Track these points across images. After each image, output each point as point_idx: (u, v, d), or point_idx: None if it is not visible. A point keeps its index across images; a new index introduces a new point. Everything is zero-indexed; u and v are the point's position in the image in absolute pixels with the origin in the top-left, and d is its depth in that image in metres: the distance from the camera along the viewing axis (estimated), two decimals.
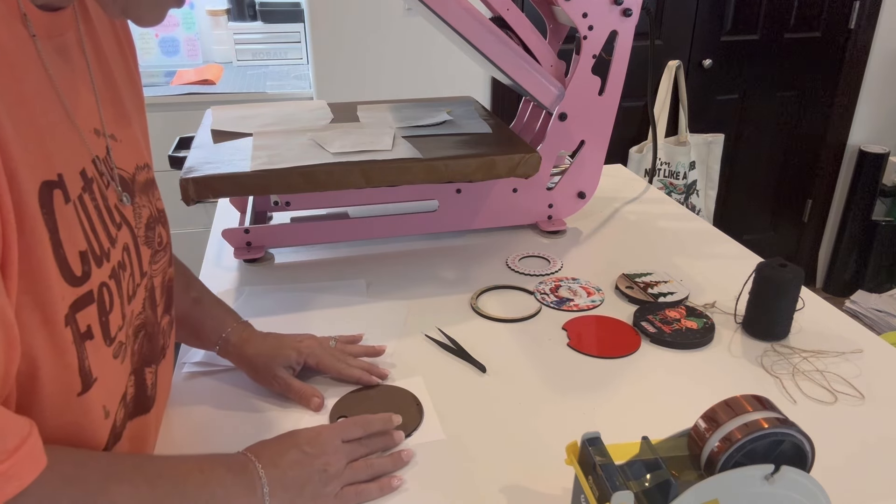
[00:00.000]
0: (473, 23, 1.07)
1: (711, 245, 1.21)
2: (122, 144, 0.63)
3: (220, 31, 2.68)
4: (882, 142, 2.80)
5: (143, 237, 0.64)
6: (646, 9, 1.14)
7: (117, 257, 0.58)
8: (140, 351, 0.64)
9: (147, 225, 0.65)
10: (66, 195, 0.51)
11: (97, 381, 0.53)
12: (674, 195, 2.60)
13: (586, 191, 1.24)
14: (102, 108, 0.60)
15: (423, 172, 1.04)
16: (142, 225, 0.64)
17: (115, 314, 0.56)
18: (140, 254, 0.63)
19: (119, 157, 0.62)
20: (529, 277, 1.09)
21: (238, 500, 0.60)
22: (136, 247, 0.62)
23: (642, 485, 0.56)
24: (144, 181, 0.67)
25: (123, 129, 0.63)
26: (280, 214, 1.25)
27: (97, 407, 0.54)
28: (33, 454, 0.46)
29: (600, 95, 1.16)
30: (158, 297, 0.69)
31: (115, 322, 0.56)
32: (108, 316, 0.55)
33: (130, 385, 0.62)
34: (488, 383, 0.85)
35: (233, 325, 0.85)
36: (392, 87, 2.32)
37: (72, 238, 0.51)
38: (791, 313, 0.93)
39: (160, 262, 0.69)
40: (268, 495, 0.61)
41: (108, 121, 0.61)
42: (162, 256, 0.70)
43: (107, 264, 0.55)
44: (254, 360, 0.83)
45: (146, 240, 0.65)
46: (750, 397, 0.57)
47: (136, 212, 0.63)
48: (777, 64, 2.63)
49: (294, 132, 1.15)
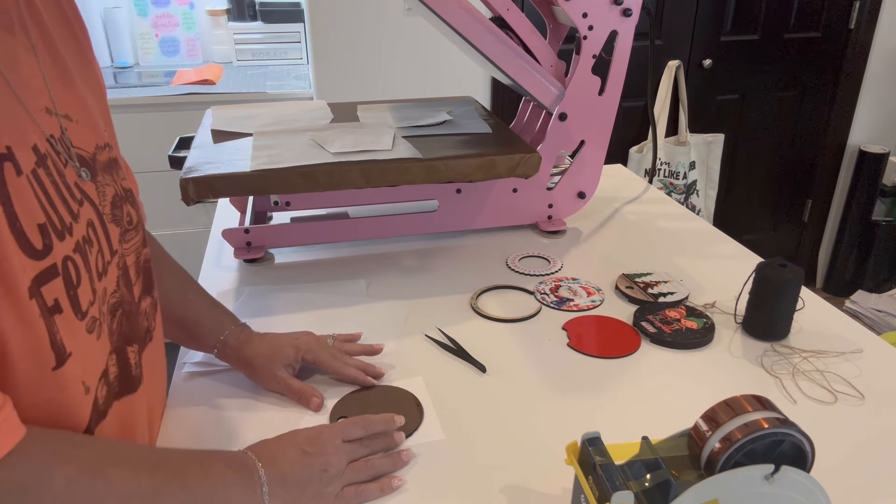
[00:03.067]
0: (473, 23, 1.07)
1: (711, 245, 1.21)
2: (79, 125, 0.62)
3: (220, 31, 2.68)
4: (882, 142, 2.80)
5: (109, 215, 0.64)
6: (646, 9, 1.14)
7: (81, 232, 0.57)
8: (119, 329, 0.64)
9: (113, 203, 0.65)
10: (18, 168, 0.51)
11: (72, 355, 0.53)
12: (674, 195, 2.60)
13: (586, 191, 1.24)
14: (52, 89, 0.59)
15: (423, 172, 1.04)
16: (107, 203, 0.64)
17: (85, 289, 0.56)
18: (108, 231, 0.63)
19: (76, 136, 0.61)
20: (529, 277, 1.09)
21: (237, 497, 0.60)
22: (103, 224, 0.62)
23: (642, 485, 0.56)
24: (106, 160, 0.66)
25: (78, 109, 0.63)
26: (280, 214, 1.25)
27: (75, 382, 0.54)
28: (7, 425, 0.47)
29: (600, 95, 1.16)
30: (133, 276, 0.68)
31: (84, 296, 0.56)
32: (77, 290, 0.55)
33: (112, 364, 0.62)
34: (488, 383, 0.85)
35: (230, 328, 0.85)
36: (392, 87, 2.32)
37: (28, 211, 0.51)
38: (791, 313, 0.93)
39: (132, 242, 0.69)
40: (267, 494, 0.61)
41: (60, 101, 0.60)
42: (133, 235, 0.69)
43: (70, 238, 0.55)
44: (252, 362, 0.83)
45: (113, 217, 0.65)
46: (750, 397, 0.57)
47: (99, 190, 0.63)
48: (777, 64, 2.63)
49: (294, 132, 1.15)
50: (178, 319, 0.84)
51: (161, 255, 0.85)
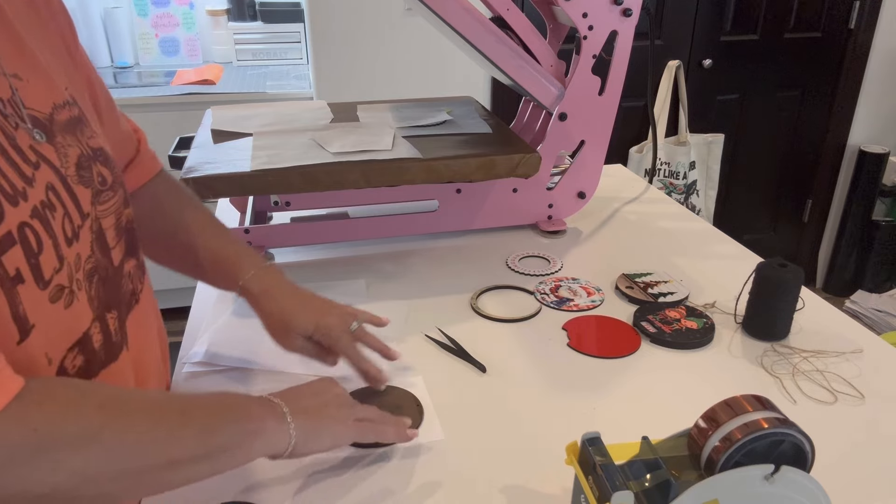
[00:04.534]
0: (473, 23, 1.07)
1: (711, 245, 1.21)
2: (30, 84, 0.59)
3: (220, 31, 2.68)
4: (882, 142, 2.80)
5: (74, 176, 0.61)
6: (646, 9, 1.14)
7: (39, 196, 0.55)
8: (97, 296, 0.62)
9: (79, 164, 0.62)
10: None
11: (35, 327, 0.52)
12: (674, 195, 2.60)
13: (586, 191, 1.24)
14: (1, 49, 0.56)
15: (423, 172, 1.04)
16: (70, 164, 0.61)
17: (48, 256, 0.54)
18: (75, 195, 0.60)
19: (28, 96, 0.58)
20: (529, 277, 1.09)
21: (258, 412, 0.61)
22: (67, 186, 0.59)
23: (642, 485, 0.56)
24: (67, 119, 0.62)
25: (28, 68, 0.59)
26: (280, 214, 1.25)
27: (39, 355, 0.54)
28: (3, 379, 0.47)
29: (600, 95, 1.16)
30: (112, 239, 0.66)
31: (48, 264, 0.54)
32: (39, 258, 0.53)
33: (97, 331, 0.61)
34: (488, 383, 0.85)
35: (253, 271, 0.80)
36: (392, 87, 2.32)
37: None
38: (791, 313, 0.93)
39: (108, 203, 0.65)
40: (289, 414, 0.62)
41: (8, 61, 0.57)
42: (110, 196, 0.66)
43: (24, 204, 0.53)
44: (269, 317, 0.80)
45: (80, 179, 0.61)
46: (750, 397, 0.57)
47: (59, 151, 0.60)
48: (777, 64, 2.63)
49: (294, 132, 1.15)
50: (193, 251, 0.81)
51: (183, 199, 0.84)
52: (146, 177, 0.84)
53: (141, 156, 0.83)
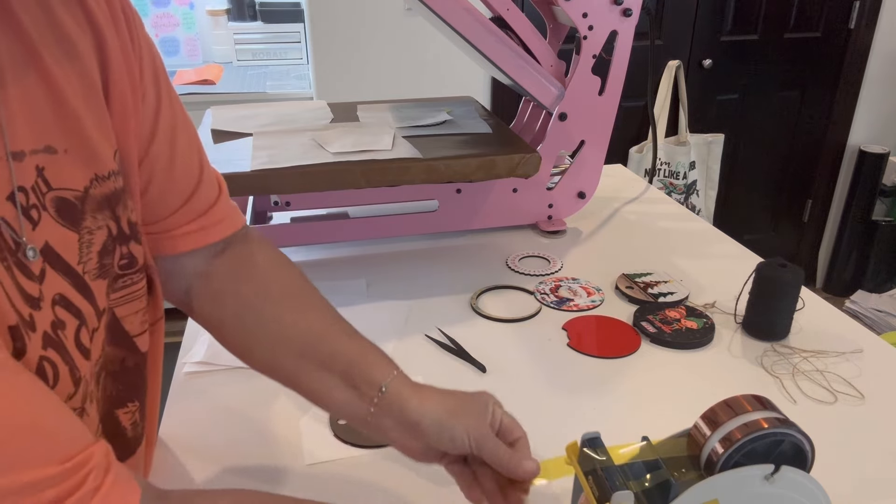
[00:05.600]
0: (473, 23, 1.07)
1: (711, 245, 1.21)
2: (68, 156, 0.49)
3: (220, 31, 2.68)
4: (882, 142, 2.80)
5: (94, 271, 0.51)
6: (646, 9, 1.14)
7: (48, 319, 0.46)
8: (105, 396, 0.56)
9: (102, 251, 0.52)
10: None
11: None
12: (674, 195, 2.60)
13: (586, 191, 1.24)
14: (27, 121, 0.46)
15: (423, 172, 1.04)
16: (93, 255, 0.51)
17: (63, 385, 0.47)
18: (91, 293, 0.51)
19: (60, 172, 0.49)
20: (529, 277, 1.09)
21: None
22: (82, 287, 0.50)
23: (642, 485, 0.56)
24: (107, 194, 0.52)
25: (67, 136, 0.49)
26: (280, 214, 1.25)
27: None
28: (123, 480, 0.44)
29: (600, 95, 1.16)
30: (135, 327, 0.58)
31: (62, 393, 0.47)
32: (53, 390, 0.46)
33: (99, 434, 0.54)
34: (488, 383, 0.85)
35: (392, 375, 0.63)
36: (392, 87, 2.32)
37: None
38: (791, 313, 0.93)
39: (126, 289, 0.57)
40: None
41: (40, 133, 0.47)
42: (135, 280, 0.57)
43: (34, 335, 0.45)
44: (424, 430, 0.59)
45: (99, 271, 0.52)
46: (750, 397, 0.57)
47: (83, 239, 0.50)
48: (777, 64, 2.63)
49: (294, 132, 1.15)
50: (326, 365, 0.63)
51: (304, 289, 0.69)
52: (230, 229, 0.66)
53: (222, 204, 0.67)
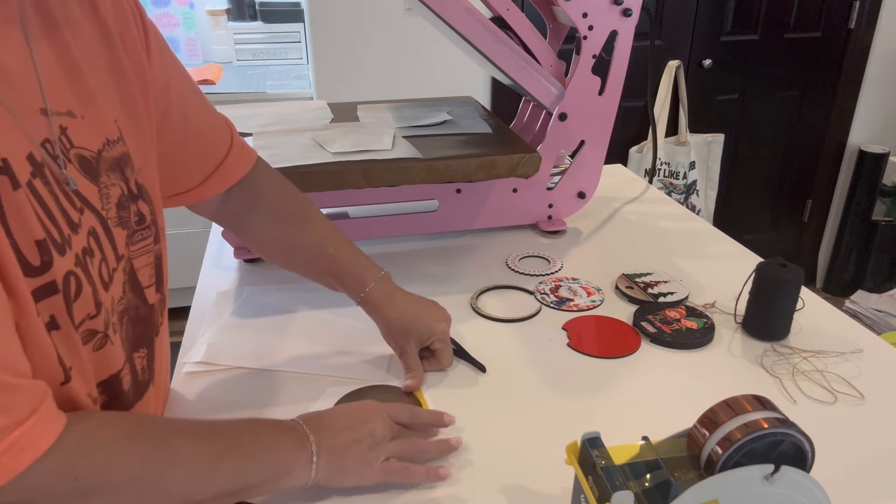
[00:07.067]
0: (473, 23, 1.07)
1: (711, 245, 1.21)
2: (85, 121, 0.58)
3: (220, 31, 2.68)
4: (882, 142, 2.80)
5: (114, 218, 0.60)
6: (646, 9, 1.14)
7: (82, 243, 0.55)
8: (128, 337, 0.63)
9: (119, 204, 0.61)
10: (15, 181, 0.48)
11: (72, 369, 0.54)
12: (674, 195, 2.60)
13: (586, 191, 1.24)
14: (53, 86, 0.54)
15: (423, 172, 1.04)
16: (111, 206, 0.60)
17: (84, 301, 0.54)
18: (113, 237, 0.60)
19: (79, 134, 0.57)
20: (529, 277, 1.09)
21: (289, 456, 0.62)
22: (107, 230, 0.59)
23: (642, 485, 0.56)
24: (115, 157, 0.61)
25: (84, 104, 0.58)
26: None
27: (82, 395, 0.56)
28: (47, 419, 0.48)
29: (600, 95, 1.16)
30: (146, 278, 0.66)
31: (82, 310, 0.54)
32: (73, 304, 0.53)
33: (126, 373, 0.62)
34: (488, 383, 0.85)
35: (372, 284, 0.84)
36: (392, 87, 2.32)
37: (25, 227, 0.49)
38: (791, 313, 0.93)
39: (142, 243, 0.65)
40: (315, 454, 0.63)
41: (60, 96, 0.55)
42: (146, 235, 0.66)
43: (69, 252, 0.53)
44: (391, 323, 0.84)
45: (119, 220, 0.61)
46: (750, 397, 0.57)
47: (102, 192, 0.59)
48: (777, 64, 2.64)
49: (294, 132, 1.15)
50: (321, 271, 0.86)
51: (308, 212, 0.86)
52: (247, 166, 0.83)
53: (236, 145, 0.83)
